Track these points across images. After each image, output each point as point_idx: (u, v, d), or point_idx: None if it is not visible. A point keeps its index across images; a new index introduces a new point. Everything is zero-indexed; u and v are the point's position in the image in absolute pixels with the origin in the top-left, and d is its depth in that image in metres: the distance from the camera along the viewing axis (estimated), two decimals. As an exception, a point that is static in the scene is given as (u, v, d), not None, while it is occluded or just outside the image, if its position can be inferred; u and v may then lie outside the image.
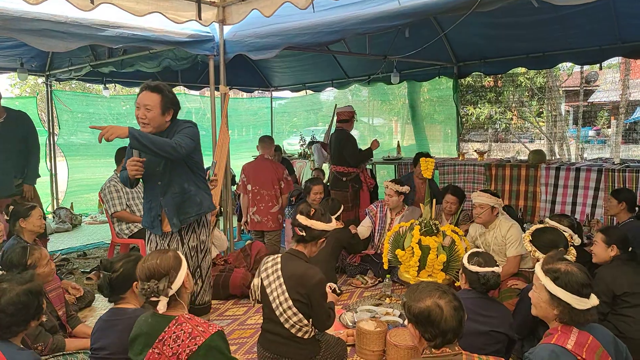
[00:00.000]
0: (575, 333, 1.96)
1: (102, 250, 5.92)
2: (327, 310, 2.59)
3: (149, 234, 3.31)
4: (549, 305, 2.01)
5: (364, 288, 4.44)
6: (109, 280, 2.37)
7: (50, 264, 3.03)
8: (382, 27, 3.68)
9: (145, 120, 2.98)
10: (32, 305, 2.06)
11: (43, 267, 2.94)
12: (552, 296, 1.99)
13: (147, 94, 2.98)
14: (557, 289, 1.97)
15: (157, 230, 3.20)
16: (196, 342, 1.93)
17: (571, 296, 1.95)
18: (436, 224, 3.81)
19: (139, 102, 2.99)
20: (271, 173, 5.31)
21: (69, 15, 3.81)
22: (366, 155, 5.82)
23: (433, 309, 1.80)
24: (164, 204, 3.14)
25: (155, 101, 2.98)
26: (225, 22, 4.56)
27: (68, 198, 8.22)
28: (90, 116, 8.94)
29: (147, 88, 3.01)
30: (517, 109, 12.94)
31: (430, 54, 6.21)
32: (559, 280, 1.98)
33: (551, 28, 5.70)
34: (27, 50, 6.37)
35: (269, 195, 5.28)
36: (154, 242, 3.29)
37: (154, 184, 3.14)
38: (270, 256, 2.70)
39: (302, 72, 8.61)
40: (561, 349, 1.91)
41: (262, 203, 5.27)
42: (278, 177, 5.36)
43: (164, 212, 3.16)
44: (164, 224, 3.18)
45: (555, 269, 2.02)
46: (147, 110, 2.97)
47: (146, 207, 3.25)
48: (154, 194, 3.17)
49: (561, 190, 5.52)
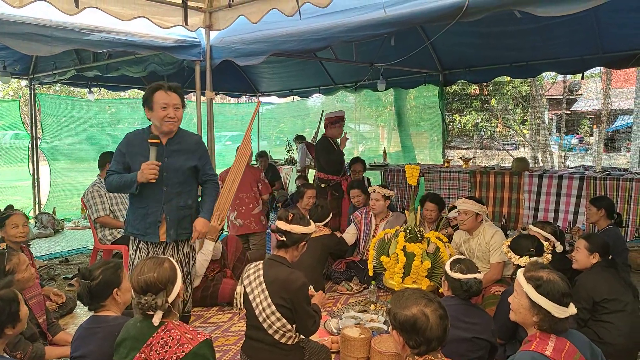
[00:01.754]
0: (554, 339, 1.99)
1: (84, 256, 5.84)
2: (312, 314, 2.59)
3: (138, 242, 3.17)
4: (528, 312, 2.04)
5: (349, 294, 4.45)
6: (88, 289, 2.32)
7: (30, 269, 2.96)
8: (368, 35, 3.70)
9: (175, 119, 3.04)
10: (4, 313, 2.02)
11: (22, 273, 2.87)
12: (533, 303, 2.02)
13: (173, 94, 3.03)
14: (539, 296, 2.00)
15: (151, 238, 3.09)
16: (184, 349, 1.92)
17: (552, 304, 1.98)
18: (421, 230, 3.83)
19: (166, 102, 3.00)
20: (248, 176, 5.29)
21: (54, 19, 3.78)
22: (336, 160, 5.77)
23: (419, 317, 1.80)
24: (167, 210, 3.08)
25: (180, 101, 3.08)
26: (211, 28, 4.55)
27: (50, 203, 8.10)
28: (75, 120, 8.84)
29: (169, 89, 3.03)
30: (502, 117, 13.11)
31: (416, 61, 6.27)
32: (541, 289, 2.01)
33: (534, 38, 5.80)
34: (10, 54, 6.29)
35: (248, 198, 5.27)
36: (144, 250, 3.14)
37: (158, 189, 3.06)
38: (252, 263, 2.69)
39: (289, 78, 8.63)
40: (540, 356, 1.93)
41: (242, 206, 5.26)
42: (255, 179, 5.37)
43: (165, 219, 3.09)
44: (160, 232, 3.09)
45: (538, 276, 2.04)
46: (177, 109, 3.05)
47: (140, 213, 3.10)
48: (154, 199, 3.07)
49: (544, 197, 5.59)
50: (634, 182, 4.99)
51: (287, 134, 11.16)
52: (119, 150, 3.15)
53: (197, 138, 3.32)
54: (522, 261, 2.84)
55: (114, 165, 3.13)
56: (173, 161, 3.09)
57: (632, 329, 2.97)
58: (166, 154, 3.08)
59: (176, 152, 3.13)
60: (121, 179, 3.04)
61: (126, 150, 3.11)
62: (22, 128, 8.71)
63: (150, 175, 2.93)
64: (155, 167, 2.94)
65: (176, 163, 3.10)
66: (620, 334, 2.92)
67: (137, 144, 3.10)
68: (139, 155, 3.03)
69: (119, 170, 3.09)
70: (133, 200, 3.16)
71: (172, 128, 3.06)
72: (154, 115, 3.03)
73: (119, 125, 9.53)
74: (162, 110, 3.00)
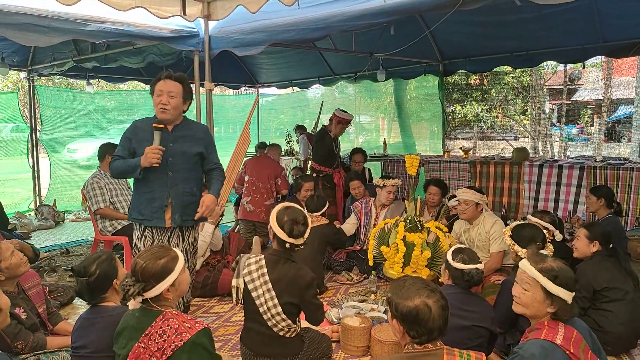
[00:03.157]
0: (562, 328, 2.00)
1: (85, 247, 5.85)
2: (320, 304, 2.60)
3: (143, 229, 3.15)
4: (542, 304, 2.04)
5: (350, 284, 4.46)
6: (87, 285, 2.31)
7: (17, 255, 2.80)
8: (367, 24, 3.68)
9: (168, 106, 3.01)
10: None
11: (8, 260, 2.74)
12: (549, 295, 2.01)
13: (170, 82, 3.02)
14: (558, 288, 2.00)
15: (157, 222, 3.07)
16: (182, 338, 1.92)
17: (568, 293, 2.00)
18: (420, 220, 3.84)
19: (161, 89, 3.00)
20: (270, 169, 5.61)
21: (51, 9, 3.76)
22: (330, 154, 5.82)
23: (422, 309, 1.78)
24: (173, 195, 3.07)
25: (179, 90, 3.03)
26: (210, 18, 4.52)
27: (51, 195, 8.10)
28: (74, 112, 8.81)
29: (170, 77, 3.03)
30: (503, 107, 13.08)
31: (416, 51, 6.24)
32: (558, 280, 2.01)
33: (535, 27, 5.77)
34: (8, 45, 6.26)
35: (264, 189, 5.50)
36: (149, 237, 3.12)
37: (163, 173, 3.06)
38: (251, 258, 2.61)
39: (289, 68, 8.59)
40: (551, 344, 1.94)
41: (257, 194, 5.48)
42: (275, 174, 5.62)
43: (171, 203, 3.08)
44: (167, 216, 3.08)
45: (551, 267, 2.04)
46: (171, 97, 3.01)
47: (146, 197, 3.08)
48: (161, 184, 3.07)
49: (544, 187, 5.59)
50: (634, 172, 4.98)
51: (286, 125, 11.14)
52: (125, 136, 3.18)
53: (204, 127, 3.35)
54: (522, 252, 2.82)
55: (120, 150, 3.15)
56: (179, 146, 3.10)
57: (632, 318, 2.98)
58: (172, 140, 3.09)
59: (182, 138, 3.14)
60: (126, 163, 3.07)
61: (133, 136, 3.14)
62: (21, 120, 8.69)
63: (153, 159, 2.93)
64: (159, 152, 2.94)
65: (182, 148, 3.11)
66: (620, 322, 2.94)
67: (143, 130, 3.12)
68: (145, 141, 3.04)
69: (124, 156, 3.11)
70: (138, 185, 3.17)
71: (165, 117, 3.03)
72: (153, 103, 3.07)
73: (119, 117, 9.51)
74: (157, 97, 3.02)
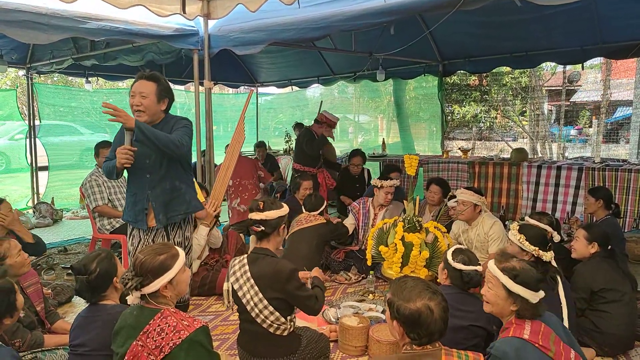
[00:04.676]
0: (529, 323, 2.07)
1: (83, 245, 5.84)
2: (311, 294, 2.56)
3: (132, 229, 3.22)
4: (505, 302, 2.10)
5: (348, 284, 4.46)
6: (87, 283, 2.31)
7: (22, 254, 2.91)
8: (367, 24, 3.68)
9: (141, 107, 2.95)
10: (2, 304, 2.00)
11: (14, 258, 2.84)
12: (510, 293, 2.08)
13: (143, 82, 2.97)
14: (517, 286, 2.06)
15: (141, 225, 3.12)
16: (180, 336, 1.92)
17: (530, 292, 2.05)
18: (419, 220, 3.84)
19: (134, 90, 2.96)
20: (248, 164, 5.58)
21: (50, 6, 3.76)
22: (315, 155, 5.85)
23: (424, 312, 1.77)
24: (152, 197, 3.07)
25: (151, 89, 2.96)
26: (210, 17, 4.52)
27: (49, 193, 8.08)
28: (73, 110, 8.80)
29: (142, 77, 2.98)
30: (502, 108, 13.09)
31: (416, 51, 6.24)
32: (518, 278, 2.07)
33: (534, 28, 5.78)
34: (7, 42, 6.24)
35: (250, 184, 5.51)
36: (137, 237, 3.18)
37: (142, 176, 3.07)
38: (236, 258, 2.63)
39: (288, 68, 8.59)
40: (519, 341, 1.99)
41: (245, 193, 5.45)
42: (255, 167, 5.64)
43: (151, 206, 3.09)
44: (149, 219, 3.10)
45: (512, 266, 2.11)
46: (143, 97, 2.94)
47: (130, 201, 3.15)
48: (140, 187, 3.09)
49: (542, 188, 5.59)
50: (632, 173, 4.99)
51: (285, 125, 11.14)
52: (115, 138, 3.20)
53: (178, 118, 3.18)
54: (548, 255, 2.76)
55: (110, 152, 3.16)
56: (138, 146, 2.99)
57: (630, 319, 2.98)
58: None
59: None
60: (108, 165, 3.07)
61: (119, 138, 3.13)
62: (19, 118, 8.66)
63: (122, 160, 2.89)
64: (128, 152, 2.88)
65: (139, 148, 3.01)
66: (618, 323, 2.94)
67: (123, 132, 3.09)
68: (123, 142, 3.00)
69: (111, 157, 3.09)
70: (127, 187, 3.21)
71: (140, 119, 2.94)
72: None
73: (118, 115, 9.50)
74: (131, 99, 2.98)
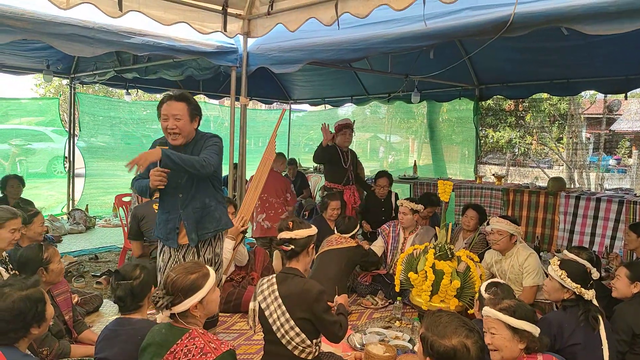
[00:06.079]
0: (541, 356, 2.10)
1: (113, 254, 5.93)
2: (335, 320, 2.52)
3: (162, 245, 3.21)
4: (511, 342, 2.10)
5: (374, 309, 4.37)
6: (131, 288, 2.37)
7: (61, 262, 3.07)
8: (407, 48, 3.66)
9: (176, 129, 2.94)
10: (29, 313, 2.01)
11: (56, 264, 2.98)
12: (515, 331, 2.09)
13: (174, 103, 2.94)
14: (519, 321, 2.08)
15: (172, 243, 3.11)
16: (207, 359, 1.89)
17: (531, 325, 2.09)
18: (451, 248, 3.73)
19: (166, 113, 2.93)
20: (279, 183, 5.55)
21: (97, 21, 3.87)
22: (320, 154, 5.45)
23: (459, 350, 1.71)
24: (184, 217, 3.07)
25: (183, 110, 2.95)
26: (249, 35, 4.59)
27: (84, 200, 8.29)
28: (111, 119, 9.06)
29: (171, 98, 2.97)
30: (538, 134, 12.81)
31: (452, 75, 6.16)
32: (517, 314, 2.11)
33: (577, 55, 5.64)
34: (54, 53, 6.48)
35: (277, 203, 5.47)
36: (167, 253, 3.16)
37: (175, 196, 3.06)
38: (264, 278, 2.63)
39: (323, 86, 8.64)
40: None
41: (271, 210, 5.44)
42: (285, 188, 5.56)
43: (183, 225, 3.08)
44: (180, 237, 3.10)
45: (508, 305, 2.15)
46: (177, 119, 2.93)
47: (162, 219, 3.15)
48: (173, 206, 3.09)
49: (580, 219, 5.40)
50: (677, 209, 4.77)
51: (316, 142, 11.16)
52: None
53: (210, 135, 3.16)
54: (589, 294, 2.63)
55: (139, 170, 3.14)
56: None
57: (675, 366, 2.81)
58: None
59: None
60: (140, 184, 3.06)
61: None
62: (59, 125, 8.96)
63: (155, 182, 2.86)
64: (162, 174, 2.86)
65: None
66: (661, 370, 2.77)
67: None
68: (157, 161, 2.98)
69: (144, 175, 3.09)
70: (159, 205, 3.21)
71: (175, 142, 2.96)
72: (162, 128, 3.01)
73: (153, 126, 9.73)
74: (164, 122, 2.96)
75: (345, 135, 5.56)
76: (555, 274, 2.71)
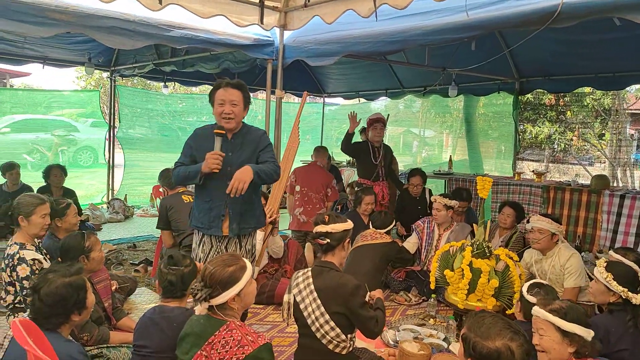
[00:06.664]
0: None
1: (150, 243, 6.06)
2: (372, 315, 2.49)
3: (202, 236, 3.17)
4: (561, 345, 2.03)
5: (407, 306, 4.31)
6: (182, 274, 2.44)
7: (102, 251, 3.15)
8: (447, 39, 3.56)
9: (232, 115, 2.99)
10: (70, 299, 2.06)
11: (97, 252, 3.07)
12: (565, 334, 2.02)
13: (230, 90, 2.99)
14: (570, 324, 2.02)
15: (216, 231, 3.07)
16: (244, 352, 1.90)
17: (583, 329, 2.02)
18: (489, 246, 3.63)
19: (223, 98, 2.97)
20: (321, 178, 5.51)
21: (137, 14, 3.93)
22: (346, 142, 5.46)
23: (503, 352, 1.65)
24: (230, 204, 3.04)
25: (239, 97, 3.01)
26: (286, 27, 4.58)
27: (123, 190, 8.50)
28: (149, 112, 9.25)
29: (229, 85, 3.00)
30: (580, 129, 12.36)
31: (492, 67, 5.98)
32: (569, 316, 2.04)
33: (625, 47, 5.38)
34: (95, 46, 6.64)
35: (316, 198, 5.44)
36: (208, 243, 3.13)
37: (222, 182, 3.00)
38: (300, 271, 2.62)
39: (357, 80, 8.56)
40: None
41: (309, 204, 5.41)
42: (327, 183, 5.51)
43: (228, 213, 3.06)
44: (224, 226, 3.07)
45: (559, 306, 2.09)
46: (234, 105, 2.99)
47: (204, 207, 3.09)
48: (219, 194, 3.03)
49: (625, 219, 5.18)
50: None
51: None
52: (188, 143, 3.19)
53: (261, 132, 3.26)
54: (638, 298, 2.52)
55: (182, 157, 3.17)
56: (237, 155, 3.07)
57: None
58: (230, 149, 3.06)
59: (240, 147, 3.11)
60: (187, 169, 3.07)
61: (194, 144, 3.14)
62: (100, 117, 9.21)
63: (213, 165, 2.90)
64: (219, 157, 2.91)
65: (240, 157, 3.07)
66: None
67: (204, 137, 3.11)
68: (205, 148, 3.02)
69: (186, 163, 3.12)
70: (199, 194, 3.18)
71: (229, 125, 3.01)
72: (214, 112, 3.05)
73: (189, 118, 9.90)
74: (219, 107, 3.00)
75: (377, 129, 5.52)
76: (601, 276, 2.59)
